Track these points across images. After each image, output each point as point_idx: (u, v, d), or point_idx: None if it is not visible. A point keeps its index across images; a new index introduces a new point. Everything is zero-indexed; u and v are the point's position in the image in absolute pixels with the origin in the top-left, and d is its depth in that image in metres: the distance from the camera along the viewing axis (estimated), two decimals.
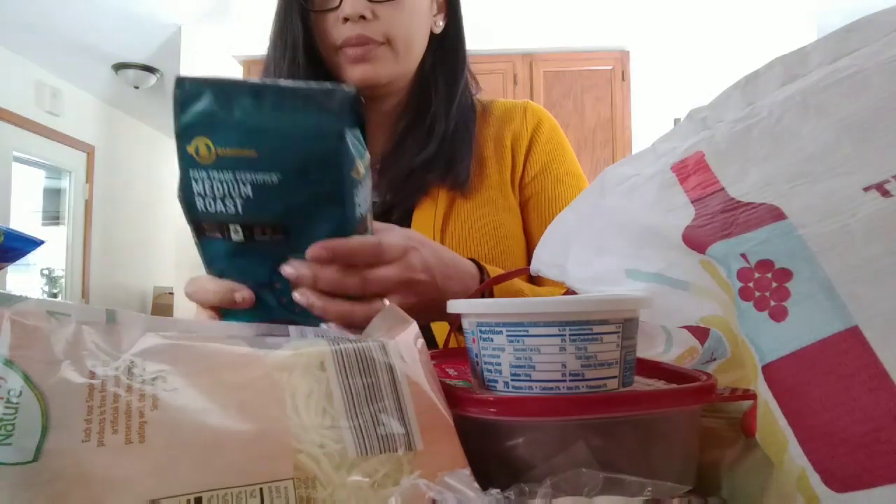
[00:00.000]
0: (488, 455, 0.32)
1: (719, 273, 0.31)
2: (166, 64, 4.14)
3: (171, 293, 4.13)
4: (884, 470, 0.24)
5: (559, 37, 3.41)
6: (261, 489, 0.26)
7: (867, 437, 0.24)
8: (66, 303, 0.32)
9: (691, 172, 0.36)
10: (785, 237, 0.29)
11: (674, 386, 0.37)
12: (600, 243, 0.43)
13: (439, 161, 0.79)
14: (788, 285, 0.28)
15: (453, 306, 0.37)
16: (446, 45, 0.83)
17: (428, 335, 0.71)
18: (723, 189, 0.34)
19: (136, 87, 4.40)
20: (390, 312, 0.39)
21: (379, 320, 0.39)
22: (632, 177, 0.41)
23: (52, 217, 4.76)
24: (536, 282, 0.78)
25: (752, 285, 0.29)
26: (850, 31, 0.34)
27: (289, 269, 0.44)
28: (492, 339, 0.34)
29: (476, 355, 0.36)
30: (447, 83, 0.83)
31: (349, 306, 0.45)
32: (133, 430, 0.26)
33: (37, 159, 4.36)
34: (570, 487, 0.27)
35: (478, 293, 0.56)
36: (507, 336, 0.33)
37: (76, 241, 4.66)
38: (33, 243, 0.51)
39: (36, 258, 4.44)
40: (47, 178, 4.72)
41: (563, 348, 0.32)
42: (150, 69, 4.29)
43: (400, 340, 0.36)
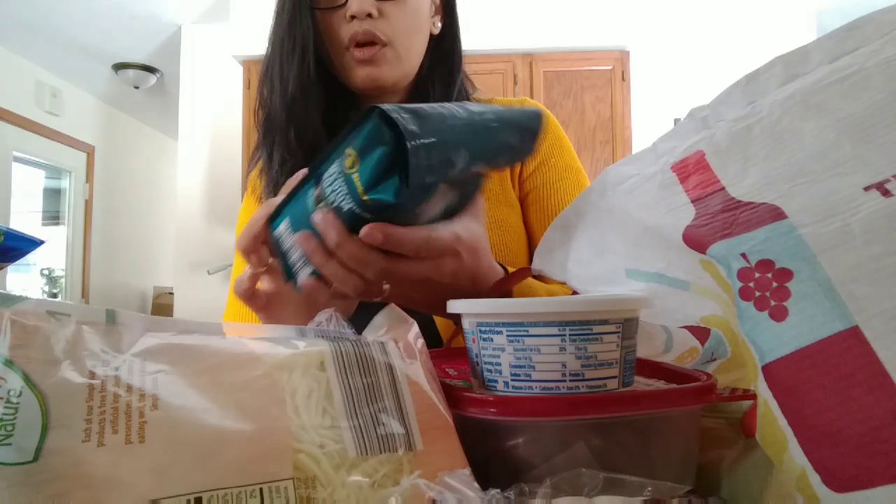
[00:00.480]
0: (488, 455, 0.32)
1: (720, 273, 0.31)
2: (166, 64, 4.14)
3: (171, 293, 4.13)
4: (884, 470, 0.24)
5: (559, 37, 3.41)
6: (261, 489, 0.26)
7: (867, 437, 0.24)
8: (66, 303, 0.32)
9: (692, 172, 0.36)
10: (785, 237, 0.29)
11: (674, 386, 0.37)
12: (601, 243, 0.43)
13: None
14: (789, 285, 0.28)
15: (453, 306, 0.37)
16: (443, 47, 0.84)
17: (432, 332, 0.71)
18: (723, 188, 0.34)
19: (136, 87, 4.40)
20: (390, 312, 0.39)
21: (379, 320, 0.39)
22: (632, 176, 0.41)
23: (52, 217, 4.76)
24: (543, 280, 0.78)
25: (752, 285, 0.29)
26: (851, 29, 0.34)
27: (318, 217, 0.42)
28: (492, 339, 0.34)
29: (476, 355, 0.36)
30: (444, 84, 0.83)
31: (346, 274, 0.44)
32: (133, 430, 0.26)
33: (37, 159, 4.37)
34: (570, 487, 0.27)
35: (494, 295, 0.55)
36: (507, 336, 0.33)
37: (76, 241, 4.66)
38: (33, 243, 0.51)
39: (36, 258, 4.44)
40: (47, 178, 4.72)
41: (563, 348, 0.32)
42: (150, 69, 4.29)
43: (400, 340, 0.36)
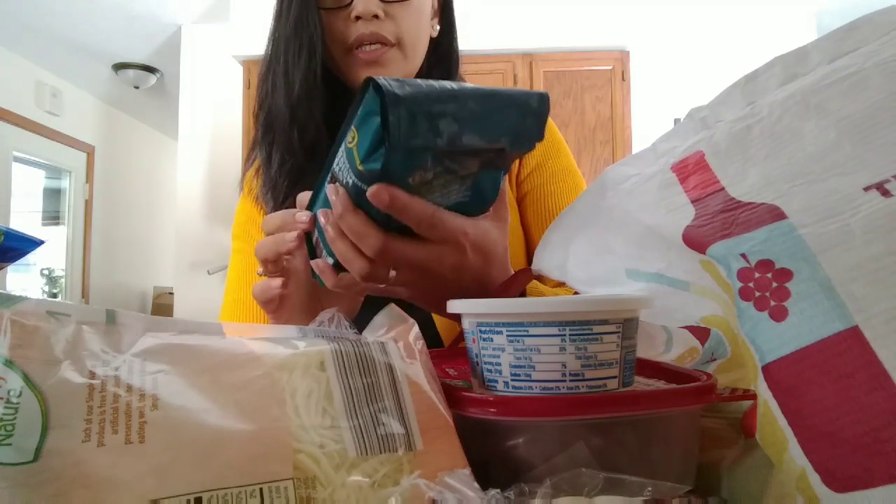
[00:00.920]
0: (488, 455, 0.32)
1: (719, 273, 0.31)
2: (166, 64, 4.14)
3: (171, 293, 4.13)
4: (884, 470, 0.24)
5: (559, 37, 3.41)
6: (261, 489, 0.26)
7: (867, 437, 0.24)
8: (66, 303, 0.32)
9: (691, 172, 0.36)
10: (785, 237, 0.29)
11: (674, 386, 0.37)
12: (601, 243, 0.43)
13: None
14: (788, 285, 0.28)
15: (453, 306, 0.37)
16: (441, 50, 0.84)
17: (432, 332, 0.71)
18: (723, 189, 0.34)
19: (136, 87, 4.41)
20: (390, 312, 0.39)
21: (379, 320, 0.39)
22: (632, 176, 0.41)
23: (52, 217, 4.76)
24: (542, 282, 0.78)
25: (752, 285, 0.29)
26: (850, 30, 0.34)
27: (331, 190, 0.43)
28: (492, 339, 0.34)
29: (476, 355, 0.36)
30: None
31: (353, 254, 0.44)
32: (133, 430, 0.26)
33: (37, 159, 4.37)
34: (570, 487, 0.27)
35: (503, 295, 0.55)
36: (507, 336, 0.33)
37: (76, 241, 4.66)
38: (33, 243, 0.51)
39: (36, 258, 4.44)
40: (47, 178, 4.72)
41: (563, 348, 0.32)
42: (150, 69, 4.29)
43: (400, 340, 0.36)
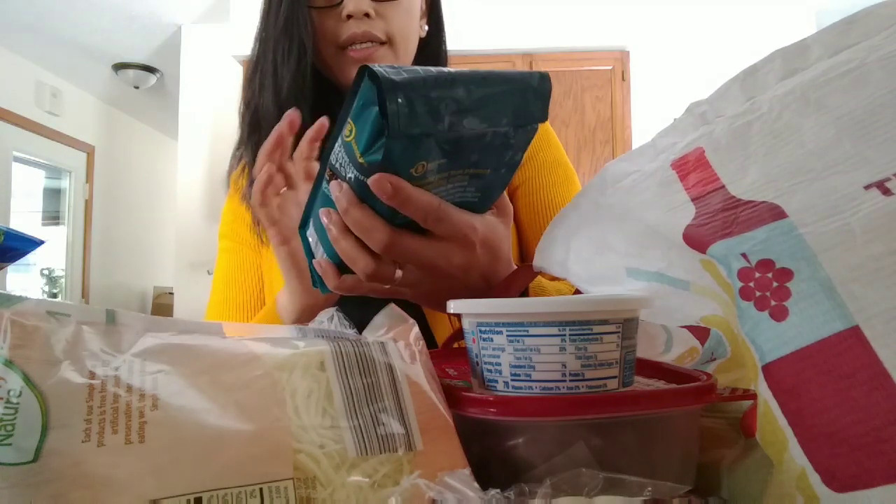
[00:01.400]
0: (488, 455, 0.32)
1: (720, 273, 0.31)
2: (166, 64, 4.14)
3: (171, 293, 4.13)
4: (884, 470, 0.24)
5: (559, 37, 3.41)
6: (261, 489, 0.26)
7: (867, 437, 0.24)
8: (66, 303, 0.32)
9: (691, 169, 0.36)
10: (785, 236, 0.29)
11: (674, 386, 0.37)
12: (601, 241, 0.43)
13: None
14: (789, 285, 0.27)
15: (452, 306, 0.37)
16: (429, 50, 0.84)
17: (426, 334, 0.71)
18: (723, 187, 0.33)
19: (136, 87, 4.41)
20: (390, 312, 0.39)
21: (379, 320, 0.39)
22: (632, 173, 0.41)
23: (52, 217, 4.76)
24: (542, 274, 0.78)
25: (752, 285, 0.29)
26: (851, 23, 0.34)
27: (335, 185, 0.42)
28: (492, 339, 0.34)
29: (476, 355, 0.36)
30: None
31: (358, 252, 0.43)
32: (133, 430, 0.26)
33: (37, 159, 4.37)
34: (570, 487, 0.27)
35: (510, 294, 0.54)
36: (507, 336, 0.33)
37: (76, 241, 4.67)
38: (33, 243, 0.51)
39: (36, 258, 4.44)
40: (47, 178, 4.72)
41: (563, 348, 0.32)
42: (150, 69, 4.29)
43: (400, 340, 0.36)
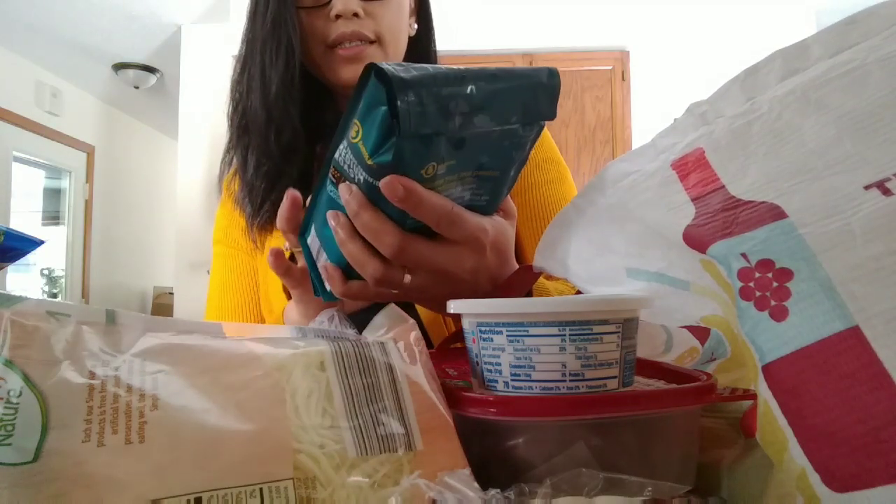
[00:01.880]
0: (488, 455, 0.32)
1: (720, 273, 0.31)
2: (166, 64, 4.14)
3: (171, 293, 4.12)
4: (884, 470, 0.24)
5: (559, 36, 3.41)
6: (261, 489, 0.26)
7: (867, 437, 0.24)
8: (66, 303, 0.32)
9: (691, 169, 0.36)
10: (785, 236, 0.29)
11: (674, 386, 0.37)
12: (601, 241, 0.43)
13: None
14: (789, 285, 0.27)
15: (453, 306, 0.37)
16: (419, 49, 0.83)
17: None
18: (723, 187, 0.33)
19: (136, 87, 4.41)
20: (390, 312, 0.39)
21: (379, 320, 0.39)
22: (632, 173, 0.41)
23: (52, 217, 4.76)
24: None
25: (752, 285, 0.29)
26: (851, 23, 0.34)
27: (344, 188, 0.42)
28: (492, 339, 0.34)
29: (476, 355, 0.36)
30: None
31: (366, 256, 0.43)
32: (133, 430, 0.26)
33: (37, 159, 4.37)
34: (570, 487, 0.27)
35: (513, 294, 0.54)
36: (507, 336, 0.33)
37: (76, 241, 4.67)
38: (33, 243, 0.51)
39: (36, 258, 4.44)
40: (47, 178, 4.72)
41: (563, 348, 0.32)
42: (150, 69, 4.29)
43: (400, 340, 0.36)
